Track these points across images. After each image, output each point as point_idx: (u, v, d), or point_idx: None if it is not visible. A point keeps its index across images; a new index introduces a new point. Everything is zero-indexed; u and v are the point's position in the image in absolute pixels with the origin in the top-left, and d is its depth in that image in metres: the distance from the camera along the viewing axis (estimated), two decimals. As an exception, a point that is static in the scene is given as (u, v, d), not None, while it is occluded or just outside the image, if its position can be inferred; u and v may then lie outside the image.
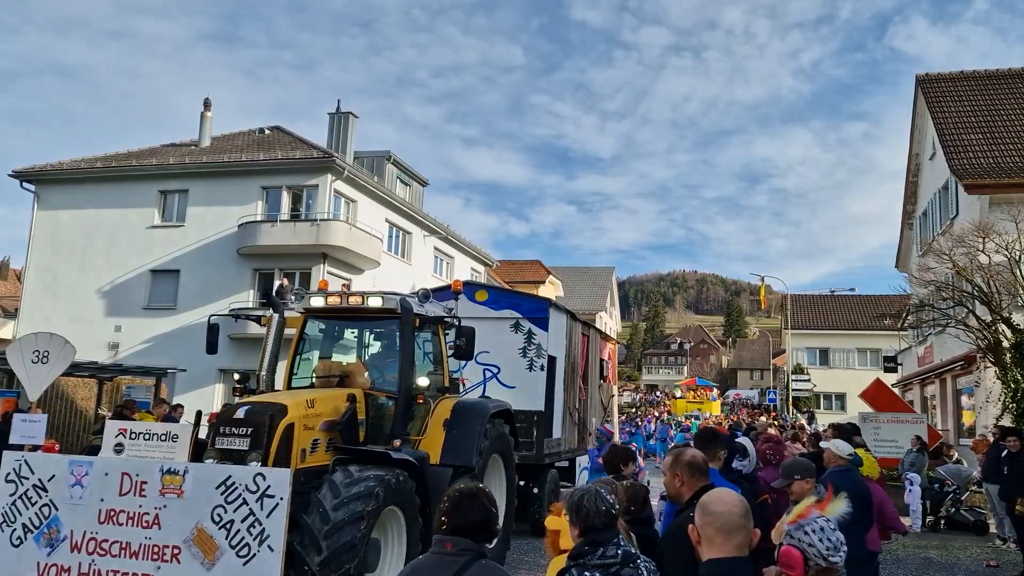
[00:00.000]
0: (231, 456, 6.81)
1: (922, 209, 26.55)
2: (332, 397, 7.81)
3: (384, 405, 8.32)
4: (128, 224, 27.80)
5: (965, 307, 17.33)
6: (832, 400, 50.18)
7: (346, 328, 9.38)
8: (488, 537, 3.00)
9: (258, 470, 6.06)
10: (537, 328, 12.51)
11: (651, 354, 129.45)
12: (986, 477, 12.98)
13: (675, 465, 3.92)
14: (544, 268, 57.46)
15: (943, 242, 18.64)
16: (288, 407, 7.09)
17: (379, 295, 8.50)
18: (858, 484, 6.30)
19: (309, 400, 7.48)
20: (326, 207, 26.21)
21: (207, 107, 30.23)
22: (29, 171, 28.80)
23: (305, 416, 7.24)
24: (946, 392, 23.31)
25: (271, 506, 5.82)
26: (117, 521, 6.11)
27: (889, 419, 16.92)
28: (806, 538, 2.91)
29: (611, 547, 3.03)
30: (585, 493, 3.18)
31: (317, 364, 8.96)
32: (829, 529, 2.97)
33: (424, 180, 35.91)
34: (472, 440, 8.59)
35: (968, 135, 21.99)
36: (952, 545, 12.84)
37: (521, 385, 12.26)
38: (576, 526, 3.13)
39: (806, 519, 2.93)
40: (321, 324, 9.27)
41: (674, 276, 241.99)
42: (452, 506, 2.99)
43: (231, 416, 7.05)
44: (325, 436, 7.50)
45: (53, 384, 19.40)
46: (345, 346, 9.46)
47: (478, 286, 13.63)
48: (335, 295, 8.72)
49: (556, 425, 12.81)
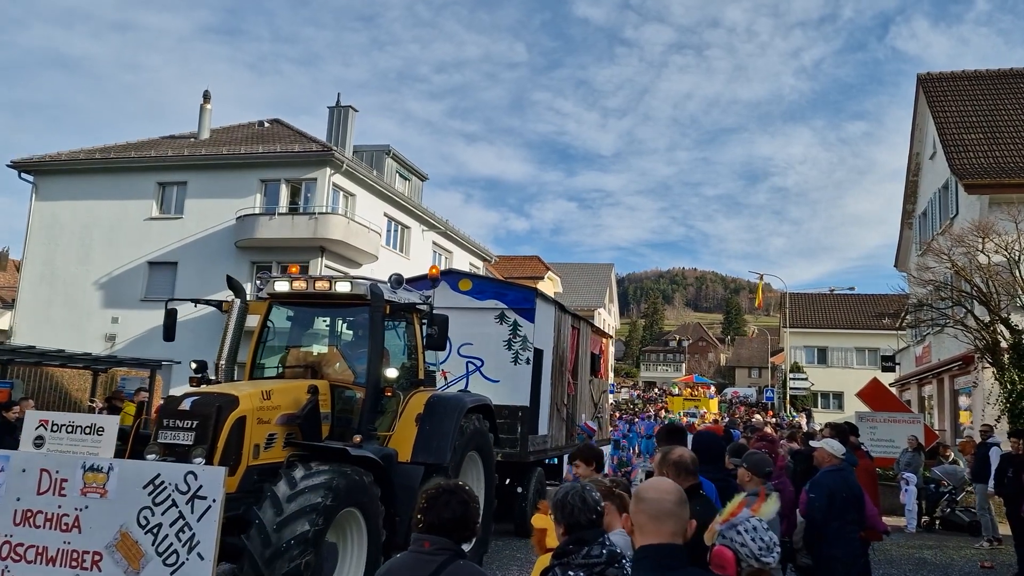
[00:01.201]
0: (174, 452, 6.28)
1: (922, 208, 26.50)
2: (292, 388, 7.29)
3: (352, 398, 7.84)
4: (126, 216, 27.73)
5: (964, 307, 17.31)
6: (830, 399, 50.22)
7: (314, 315, 8.76)
8: (467, 536, 2.94)
9: (190, 468, 5.53)
10: (523, 319, 11.92)
11: (650, 351, 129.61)
12: (975, 477, 13.02)
13: (662, 464, 3.92)
14: (543, 264, 57.41)
15: (942, 242, 18.59)
16: (240, 398, 6.57)
17: (347, 280, 8.05)
18: (851, 484, 6.27)
19: (265, 391, 6.95)
20: (324, 201, 26.15)
21: (207, 99, 30.15)
22: (27, 162, 28.74)
23: (259, 408, 6.72)
24: (943, 392, 23.29)
25: (202, 509, 5.29)
26: (34, 523, 5.53)
27: (886, 419, 16.87)
28: (738, 538, 2.87)
29: (596, 546, 2.96)
30: (570, 490, 3.13)
31: (283, 354, 8.49)
32: (762, 529, 2.93)
33: (423, 175, 35.83)
34: (446, 436, 8.09)
35: (969, 135, 21.94)
36: (947, 545, 12.81)
37: (506, 379, 11.74)
38: (561, 524, 3.07)
39: (737, 518, 2.89)
40: (287, 311, 8.69)
41: (673, 273, 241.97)
42: (429, 503, 2.92)
43: (175, 408, 6.53)
44: (283, 431, 6.96)
45: (47, 375, 19.45)
46: (313, 335, 8.88)
47: (461, 275, 12.97)
48: (300, 280, 8.18)
49: (542, 421, 12.29)
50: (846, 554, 6.09)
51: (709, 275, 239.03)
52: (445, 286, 11.73)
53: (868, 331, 47.71)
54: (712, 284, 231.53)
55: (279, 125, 30.76)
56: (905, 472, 14.79)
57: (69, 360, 17.83)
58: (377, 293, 7.88)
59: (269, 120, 31.48)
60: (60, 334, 24.82)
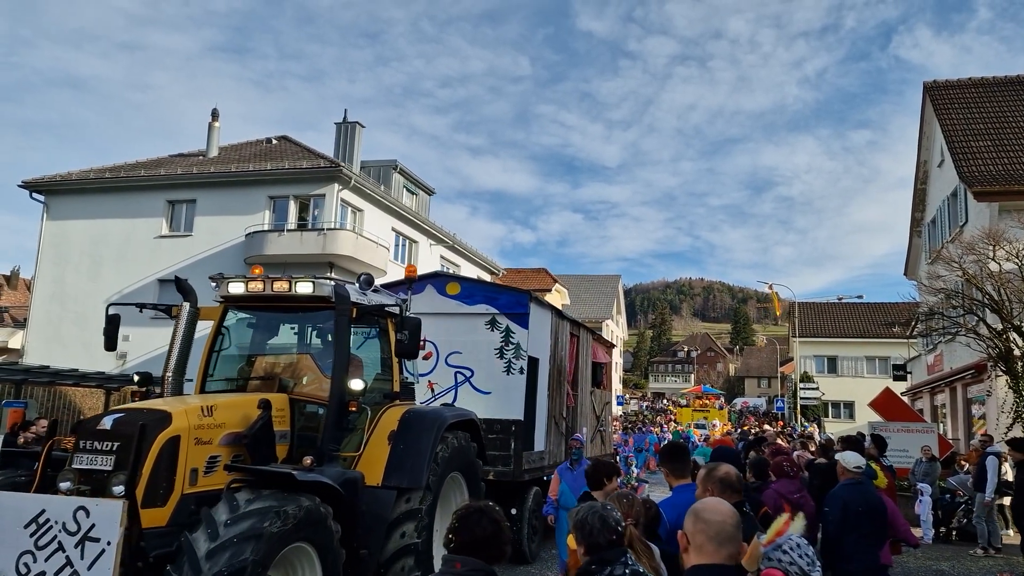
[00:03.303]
0: (91, 479, 5.33)
1: (931, 217, 26.41)
2: (240, 403, 6.45)
3: (316, 414, 7.01)
4: (136, 234, 27.91)
5: (975, 315, 17.20)
6: (840, 408, 49.89)
7: (279, 321, 7.87)
8: (498, 556, 2.94)
9: (80, 503, 4.67)
10: (516, 325, 10.95)
11: (658, 362, 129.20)
12: (975, 485, 13.18)
13: (707, 480, 3.91)
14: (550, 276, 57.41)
15: (952, 250, 18.52)
16: (172, 415, 5.68)
17: (309, 281, 7.17)
18: (868, 498, 6.20)
19: (206, 407, 6.08)
20: (333, 216, 26.26)
21: (215, 117, 30.37)
22: (38, 181, 28.98)
23: (198, 427, 5.84)
24: (956, 401, 23.13)
25: (95, 553, 4.43)
26: None
27: (899, 428, 16.76)
28: (786, 557, 2.87)
29: (618, 566, 2.95)
30: (589, 509, 3.13)
31: (242, 365, 7.70)
32: (805, 544, 2.94)
33: (431, 189, 35.94)
34: (422, 456, 7.18)
35: (977, 142, 21.88)
36: (964, 556, 12.69)
37: (497, 390, 10.78)
38: (581, 544, 3.06)
39: (780, 538, 2.90)
40: (244, 316, 7.83)
41: (680, 283, 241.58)
42: (460, 523, 2.94)
43: (94, 428, 5.57)
44: (229, 452, 6.06)
45: (61, 395, 19.53)
46: (279, 343, 8.02)
47: (450, 277, 12.00)
48: (257, 280, 7.30)
49: (538, 436, 11.24)
50: (863, 569, 6.00)
51: (716, 285, 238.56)
52: (432, 290, 11.13)
53: (878, 340, 47.48)
54: (719, 294, 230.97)
55: (287, 142, 30.94)
56: (920, 483, 14.67)
57: (82, 379, 17.91)
58: (342, 294, 7.07)
59: (277, 137, 31.67)
60: (71, 352, 24.94)
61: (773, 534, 2.83)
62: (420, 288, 11.05)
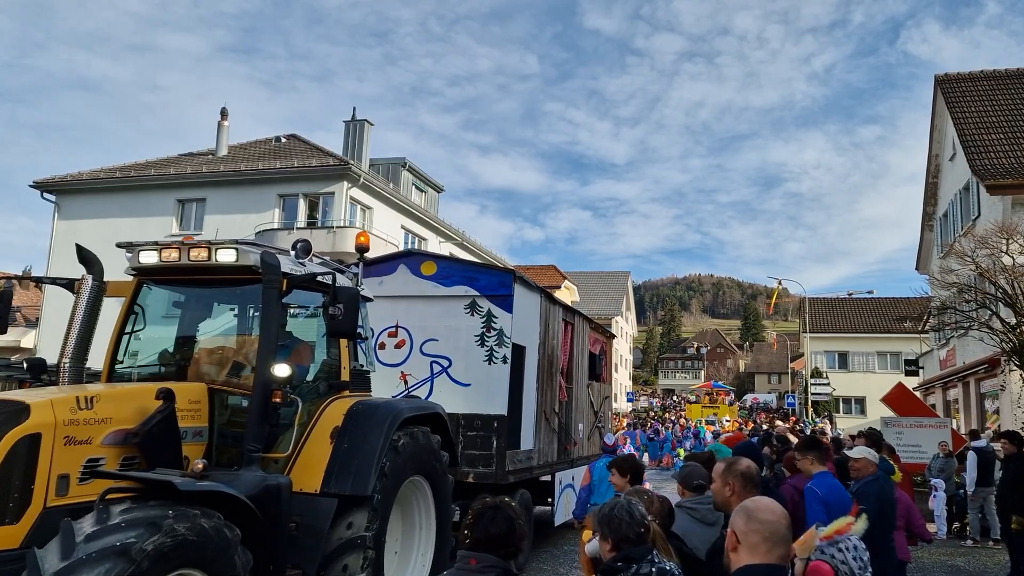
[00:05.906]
0: None
1: (943, 210, 26.24)
2: (132, 394, 5.35)
3: (242, 407, 5.88)
4: (146, 233, 27.94)
5: (988, 309, 17.08)
6: (852, 404, 49.70)
7: (206, 298, 6.73)
8: (513, 552, 2.92)
9: None
10: (499, 309, 9.73)
11: (668, 358, 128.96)
12: (978, 481, 13.25)
13: (727, 474, 3.86)
14: (560, 273, 57.44)
15: (965, 243, 18.39)
16: (31, 408, 4.59)
17: (232, 248, 5.95)
18: (887, 494, 6.19)
19: (84, 397, 4.93)
20: (342, 214, 26.32)
21: (224, 116, 30.47)
22: (50, 182, 29.16)
23: (69, 422, 4.73)
24: (969, 396, 22.98)
25: None
26: None
27: (912, 424, 16.66)
28: (840, 555, 2.86)
29: (645, 564, 2.91)
30: (616, 504, 3.10)
31: (162, 351, 6.60)
32: (862, 548, 2.93)
33: (439, 187, 35.97)
34: (369, 457, 5.96)
35: (989, 135, 21.71)
36: (979, 552, 12.63)
37: (478, 382, 9.62)
38: (608, 540, 3.02)
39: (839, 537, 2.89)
40: (160, 290, 6.67)
41: (690, 280, 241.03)
42: (475, 519, 2.92)
43: None
44: (116, 454, 4.98)
45: None
46: (206, 325, 6.84)
47: (424, 256, 10.64)
48: (172, 248, 6.13)
49: (526, 433, 10.11)
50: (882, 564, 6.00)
51: (726, 281, 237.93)
52: (405, 270, 10.10)
53: (889, 335, 47.22)
54: (729, 290, 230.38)
55: (296, 140, 31.02)
56: (934, 478, 14.60)
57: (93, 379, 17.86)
58: (271, 263, 5.87)
59: (286, 135, 31.76)
60: (84, 351, 25.08)
61: (833, 531, 2.82)
62: (392, 268, 10.14)
